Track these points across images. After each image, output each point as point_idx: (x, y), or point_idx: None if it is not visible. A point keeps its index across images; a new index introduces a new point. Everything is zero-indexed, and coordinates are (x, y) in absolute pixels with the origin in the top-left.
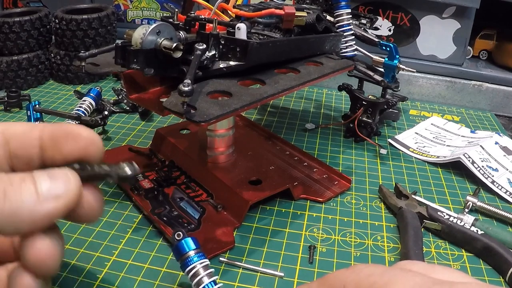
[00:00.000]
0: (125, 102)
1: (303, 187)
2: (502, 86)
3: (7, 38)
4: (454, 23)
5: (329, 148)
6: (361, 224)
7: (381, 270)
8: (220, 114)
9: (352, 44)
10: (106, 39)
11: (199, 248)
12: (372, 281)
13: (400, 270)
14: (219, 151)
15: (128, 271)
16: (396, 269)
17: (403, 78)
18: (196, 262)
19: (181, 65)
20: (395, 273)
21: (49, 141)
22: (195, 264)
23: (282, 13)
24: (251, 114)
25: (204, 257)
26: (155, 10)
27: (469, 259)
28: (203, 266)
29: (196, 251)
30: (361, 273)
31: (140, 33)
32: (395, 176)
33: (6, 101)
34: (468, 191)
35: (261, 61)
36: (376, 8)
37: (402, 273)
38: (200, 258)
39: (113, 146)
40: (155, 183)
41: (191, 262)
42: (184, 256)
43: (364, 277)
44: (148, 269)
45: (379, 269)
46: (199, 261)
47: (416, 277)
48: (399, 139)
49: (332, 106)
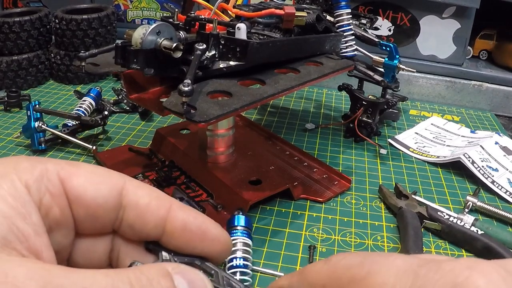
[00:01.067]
0: (125, 102)
1: (303, 187)
2: (502, 86)
3: (7, 38)
4: (454, 23)
5: (329, 148)
6: (361, 224)
7: (359, 259)
8: (220, 114)
9: (352, 44)
10: (106, 39)
11: (248, 228)
12: (351, 274)
13: (380, 256)
14: (219, 151)
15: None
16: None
17: (403, 78)
18: (239, 236)
19: (181, 65)
20: (375, 260)
21: (177, 232)
22: (237, 237)
23: (282, 13)
24: (251, 114)
25: (248, 237)
26: (155, 10)
27: None
28: (243, 242)
29: (243, 228)
30: (338, 267)
31: (140, 33)
32: (395, 176)
33: (6, 101)
34: (468, 191)
35: (261, 61)
36: (376, 8)
37: (382, 259)
38: (244, 235)
39: (113, 146)
40: (155, 183)
41: (234, 235)
42: (232, 227)
43: (343, 271)
44: None
45: (357, 258)
46: (242, 237)
47: (398, 260)
48: (399, 139)
49: (332, 106)
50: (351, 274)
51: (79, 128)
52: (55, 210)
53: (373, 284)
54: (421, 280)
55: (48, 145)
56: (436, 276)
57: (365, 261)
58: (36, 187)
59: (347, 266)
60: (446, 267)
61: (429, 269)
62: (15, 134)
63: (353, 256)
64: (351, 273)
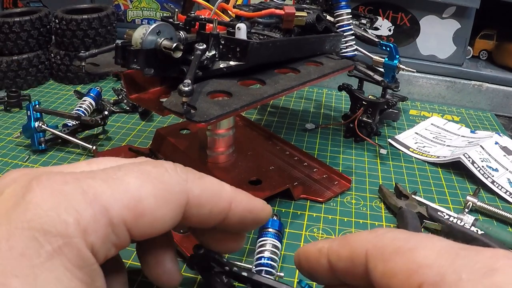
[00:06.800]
0: (125, 102)
1: (303, 187)
2: (502, 86)
3: (7, 38)
4: (454, 23)
5: (329, 148)
6: (361, 224)
7: (406, 234)
8: (220, 114)
9: (352, 44)
10: (106, 39)
11: (279, 232)
12: (397, 245)
13: (426, 235)
14: (219, 151)
15: (128, 271)
16: (421, 234)
17: (403, 78)
18: (269, 238)
19: (181, 65)
20: (421, 238)
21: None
22: (267, 238)
23: (282, 13)
24: (251, 114)
25: (278, 240)
26: (155, 10)
27: None
28: (272, 244)
29: (275, 231)
30: (384, 237)
31: (140, 33)
32: (395, 176)
33: (6, 101)
34: (468, 191)
35: (261, 61)
36: (376, 8)
37: (428, 237)
38: (274, 238)
39: (113, 146)
40: None
41: (265, 236)
42: (265, 229)
43: (388, 241)
44: None
45: (403, 233)
46: (272, 239)
47: (443, 241)
48: (399, 139)
49: (332, 106)
50: (396, 246)
51: (79, 128)
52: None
53: (416, 257)
54: (461, 260)
55: (48, 145)
56: (476, 258)
57: (411, 236)
58: (103, 249)
59: (393, 238)
60: (486, 253)
61: (470, 252)
62: (15, 134)
63: (399, 231)
64: (396, 245)
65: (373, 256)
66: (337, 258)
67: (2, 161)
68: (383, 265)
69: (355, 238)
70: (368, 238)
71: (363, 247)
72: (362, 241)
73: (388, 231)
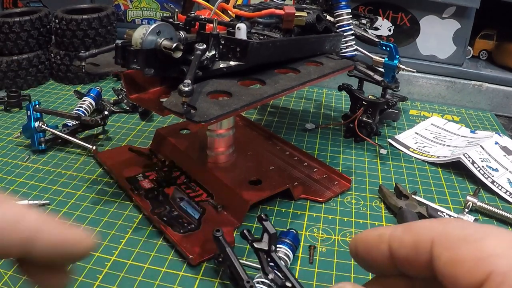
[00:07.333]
0: (125, 102)
1: (303, 187)
2: (502, 86)
3: (7, 38)
4: (454, 23)
5: (329, 148)
6: (361, 224)
7: (474, 224)
8: (220, 114)
9: (352, 44)
10: (106, 39)
11: (294, 245)
12: (465, 234)
13: (494, 227)
14: (219, 151)
15: (128, 271)
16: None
17: (403, 78)
18: (283, 246)
19: (181, 65)
20: (490, 228)
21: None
22: (282, 246)
23: (282, 13)
24: (251, 114)
25: (291, 250)
26: (155, 10)
27: None
28: (284, 252)
29: (290, 242)
30: (452, 226)
31: (140, 33)
32: (395, 176)
33: (6, 101)
34: (468, 191)
35: (261, 61)
36: (376, 8)
37: (497, 229)
38: (288, 247)
39: (113, 146)
40: (155, 183)
41: (281, 244)
42: (282, 238)
43: (456, 229)
44: (148, 269)
45: (471, 223)
46: (285, 248)
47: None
48: (399, 139)
49: (332, 106)
50: (465, 234)
51: (79, 128)
52: None
53: (484, 247)
54: None
55: (48, 145)
56: None
57: (480, 227)
58: None
59: (462, 227)
60: None
61: None
62: (15, 134)
63: (466, 221)
64: (465, 233)
65: (439, 244)
66: (399, 245)
67: (2, 161)
68: (450, 252)
69: (421, 224)
70: (435, 225)
71: (429, 234)
72: (428, 228)
73: (456, 220)
